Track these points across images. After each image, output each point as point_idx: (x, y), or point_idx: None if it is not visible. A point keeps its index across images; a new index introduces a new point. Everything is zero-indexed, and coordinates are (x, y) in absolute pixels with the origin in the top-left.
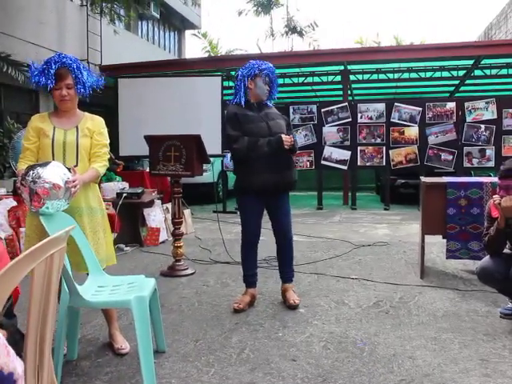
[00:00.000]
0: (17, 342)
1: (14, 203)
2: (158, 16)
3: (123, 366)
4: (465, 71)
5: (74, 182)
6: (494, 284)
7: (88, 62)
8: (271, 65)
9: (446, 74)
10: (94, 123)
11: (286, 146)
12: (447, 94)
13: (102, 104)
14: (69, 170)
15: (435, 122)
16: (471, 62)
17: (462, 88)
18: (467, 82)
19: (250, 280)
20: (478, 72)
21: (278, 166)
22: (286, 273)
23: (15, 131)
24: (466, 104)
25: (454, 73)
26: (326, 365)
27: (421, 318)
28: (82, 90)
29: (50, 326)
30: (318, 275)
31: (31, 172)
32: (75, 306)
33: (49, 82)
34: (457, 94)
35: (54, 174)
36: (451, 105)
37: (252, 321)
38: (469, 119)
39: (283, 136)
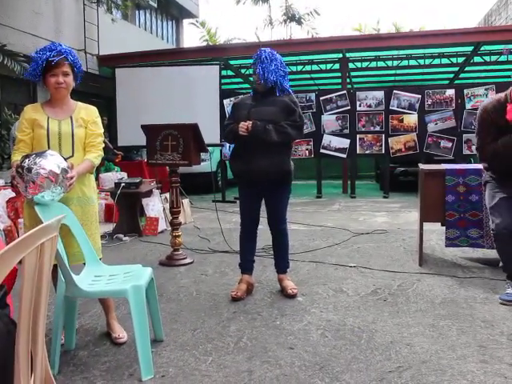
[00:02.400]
0: (10, 331)
1: (13, 194)
2: (156, 5)
3: (121, 355)
4: (464, 58)
5: (71, 178)
6: None
7: (85, 52)
8: (262, 49)
9: (445, 60)
10: (88, 113)
11: (240, 132)
12: (447, 81)
13: (101, 95)
14: (65, 159)
15: (434, 109)
16: (471, 48)
17: (462, 75)
18: (467, 68)
19: (244, 266)
20: (477, 59)
21: (253, 153)
22: (279, 263)
23: (13, 122)
24: (466, 91)
25: (454, 60)
26: (323, 352)
27: (419, 305)
28: (79, 77)
29: (42, 314)
30: (316, 263)
31: (27, 160)
32: (72, 296)
33: (39, 68)
34: (456, 81)
35: (50, 161)
36: (450, 92)
37: (250, 309)
38: (468, 106)
39: (241, 122)
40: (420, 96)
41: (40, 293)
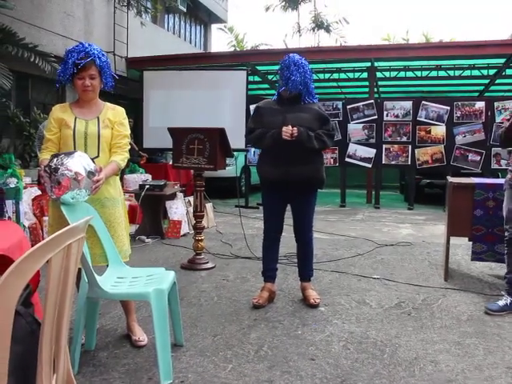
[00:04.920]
0: (34, 331)
1: (39, 192)
2: (185, 9)
3: (140, 358)
4: (496, 70)
5: (97, 181)
6: None
7: (114, 55)
8: (290, 55)
9: (475, 72)
10: (115, 113)
11: (284, 137)
12: (476, 94)
13: (128, 96)
14: (93, 160)
15: (463, 121)
16: (503, 60)
17: (492, 87)
18: (498, 81)
19: (267, 274)
20: (509, 71)
21: (289, 159)
22: (303, 271)
23: (41, 121)
24: (496, 104)
25: (485, 71)
26: (345, 365)
27: (444, 321)
28: (107, 80)
29: (66, 316)
30: (339, 273)
31: (55, 159)
32: (94, 297)
33: (67, 71)
34: (486, 94)
35: (77, 163)
36: (480, 104)
37: (271, 317)
38: (498, 119)
39: (284, 127)
40: (449, 108)
41: (65, 294)
